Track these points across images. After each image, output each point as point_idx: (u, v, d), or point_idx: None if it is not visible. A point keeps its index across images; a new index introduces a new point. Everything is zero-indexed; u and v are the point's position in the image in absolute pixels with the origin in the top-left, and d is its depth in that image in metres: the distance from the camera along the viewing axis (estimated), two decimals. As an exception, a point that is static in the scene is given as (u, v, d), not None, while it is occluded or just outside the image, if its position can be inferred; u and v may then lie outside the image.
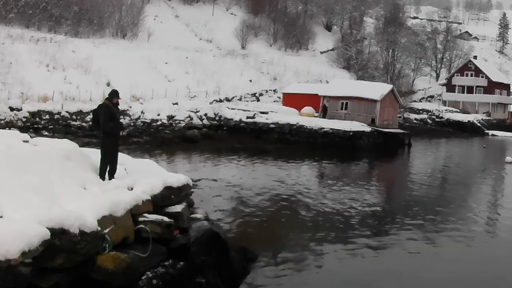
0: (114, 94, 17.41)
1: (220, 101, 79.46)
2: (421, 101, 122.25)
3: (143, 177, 15.91)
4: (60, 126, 52.63)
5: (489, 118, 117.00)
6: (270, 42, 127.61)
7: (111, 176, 16.82)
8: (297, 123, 61.98)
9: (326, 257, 19.81)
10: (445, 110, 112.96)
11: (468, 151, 75.44)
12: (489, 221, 27.59)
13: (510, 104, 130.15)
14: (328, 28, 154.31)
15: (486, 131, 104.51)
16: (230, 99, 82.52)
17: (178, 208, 15.78)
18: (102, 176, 16.61)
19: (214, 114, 63.25)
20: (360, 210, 27.91)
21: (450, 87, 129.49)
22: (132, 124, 56.79)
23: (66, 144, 16.13)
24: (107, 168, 16.84)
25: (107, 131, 16.98)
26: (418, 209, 29.10)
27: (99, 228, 12.56)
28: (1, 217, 11.30)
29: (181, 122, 59.76)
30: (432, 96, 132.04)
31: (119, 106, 17.65)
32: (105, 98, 17.59)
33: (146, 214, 14.62)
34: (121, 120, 18.03)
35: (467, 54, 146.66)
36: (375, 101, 67.14)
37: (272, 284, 16.89)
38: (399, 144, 66.54)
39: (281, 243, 21.49)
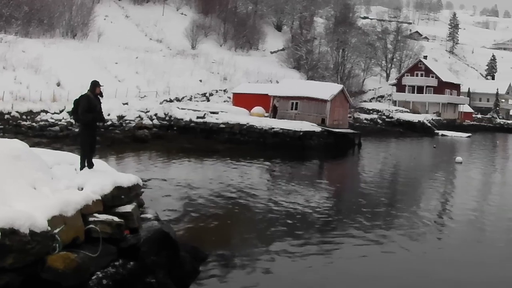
0: (95, 85, 17.12)
1: (170, 101, 79.38)
2: (371, 101, 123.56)
3: (93, 177, 15.86)
4: (10, 126, 52.06)
5: (439, 118, 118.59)
6: (220, 42, 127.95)
7: (90, 167, 16.92)
8: (247, 123, 62.01)
9: (275, 257, 20.00)
10: (395, 110, 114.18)
11: (419, 151, 76.24)
12: (439, 220, 28.10)
13: (460, 104, 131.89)
14: (278, 28, 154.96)
15: (436, 131, 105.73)
16: (180, 99, 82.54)
17: (128, 208, 15.72)
18: (82, 168, 16.75)
19: (164, 114, 63.02)
20: (309, 210, 28.19)
21: (400, 87, 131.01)
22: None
23: (16, 144, 15.96)
24: (86, 159, 16.93)
25: (86, 122, 16.99)
26: (368, 209, 29.46)
27: (49, 228, 12.51)
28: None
29: (131, 122, 59.48)
30: (382, 96, 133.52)
31: (101, 97, 17.34)
32: (88, 90, 17.20)
33: (96, 214, 14.55)
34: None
35: (417, 54, 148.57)
36: (325, 101, 67.59)
37: (222, 283, 17.08)
38: (349, 144, 66.99)
39: (231, 243, 21.67)
